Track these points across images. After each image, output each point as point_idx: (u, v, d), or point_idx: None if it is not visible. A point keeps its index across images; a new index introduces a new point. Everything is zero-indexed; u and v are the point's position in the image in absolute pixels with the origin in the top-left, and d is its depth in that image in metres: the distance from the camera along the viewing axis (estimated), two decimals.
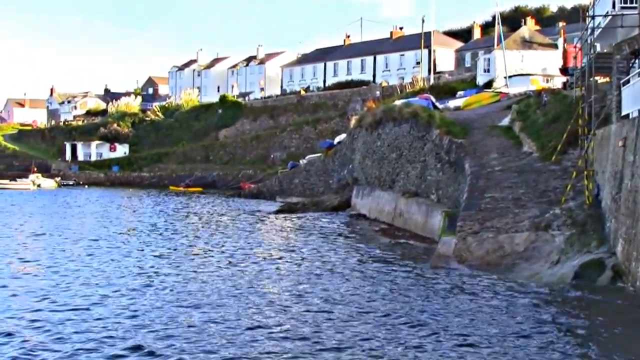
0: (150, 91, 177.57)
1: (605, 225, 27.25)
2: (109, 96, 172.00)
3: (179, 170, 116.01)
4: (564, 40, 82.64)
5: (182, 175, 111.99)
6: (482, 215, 30.69)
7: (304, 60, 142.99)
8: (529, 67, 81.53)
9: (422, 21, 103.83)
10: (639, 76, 25.95)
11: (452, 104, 64.70)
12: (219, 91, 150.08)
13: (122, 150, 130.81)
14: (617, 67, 29.19)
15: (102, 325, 20.34)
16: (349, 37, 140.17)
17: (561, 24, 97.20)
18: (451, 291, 24.65)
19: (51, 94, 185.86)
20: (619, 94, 28.19)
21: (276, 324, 20.38)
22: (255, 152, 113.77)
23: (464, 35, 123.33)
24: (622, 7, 35.77)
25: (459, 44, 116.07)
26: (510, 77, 77.51)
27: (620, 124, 26.95)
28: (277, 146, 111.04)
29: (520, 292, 24.01)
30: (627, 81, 27.32)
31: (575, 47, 47.26)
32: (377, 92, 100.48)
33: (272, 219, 54.78)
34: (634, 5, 34.96)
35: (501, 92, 66.95)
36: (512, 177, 34.38)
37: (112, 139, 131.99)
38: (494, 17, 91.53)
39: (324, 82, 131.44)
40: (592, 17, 33.90)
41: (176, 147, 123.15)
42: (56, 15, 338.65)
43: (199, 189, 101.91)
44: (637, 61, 29.45)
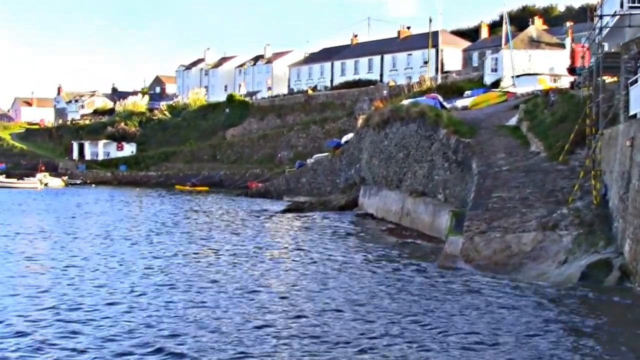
0: (157, 90, 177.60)
1: (612, 225, 27.21)
2: (117, 95, 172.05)
3: (186, 169, 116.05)
4: (572, 39, 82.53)
5: (189, 174, 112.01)
6: (490, 215, 30.67)
7: (311, 59, 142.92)
8: (537, 67, 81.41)
9: (430, 20, 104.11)
10: None
11: (460, 103, 64.62)
12: (226, 90, 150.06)
13: (129, 149, 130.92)
14: (625, 66, 29.14)
15: (111, 323, 20.41)
16: (356, 36, 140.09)
17: (569, 24, 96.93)
18: (458, 291, 24.65)
19: (58, 93, 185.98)
20: (627, 94, 28.14)
21: (284, 323, 20.42)
22: (262, 152, 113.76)
23: (471, 34, 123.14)
24: (630, 7, 35.62)
25: (466, 44, 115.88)
26: (517, 76, 77.37)
27: (627, 123, 26.90)
28: (284, 145, 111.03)
29: (527, 292, 24.00)
30: (635, 81, 27.26)
31: (582, 46, 47.26)
32: (385, 92, 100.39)
33: (279, 219, 54.80)
34: None
35: (508, 92, 66.85)
36: (520, 176, 34.33)
37: (119, 138, 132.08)
38: (502, 17, 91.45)
39: (332, 81, 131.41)
40: (600, 17, 33.86)
41: (183, 146, 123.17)
42: (63, 14, 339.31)
43: (205, 188, 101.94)
44: None
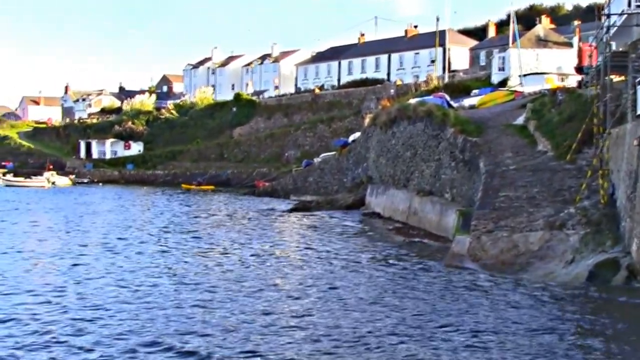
0: (164, 89, 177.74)
1: (620, 224, 27.18)
2: (124, 94, 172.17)
3: (193, 168, 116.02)
4: (579, 38, 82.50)
5: (196, 173, 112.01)
6: (497, 214, 30.64)
7: (318, 58, 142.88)
8: (544, 66, 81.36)
9: (437, 19, 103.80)
10: None
11: (467, 102, 64.62)
12: (233, 89, 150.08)
13: (136, 148, 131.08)
14: (633, 65, 29.07)
15: (119, 320, 20.52)
16: (363, 35, 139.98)
17: (576, 23, 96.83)
18: (465, 290, 24.67)
19: (66, 92, 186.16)
20: (635, 93, 28.08)
21: (292, 321, 20.49)
22: (269, 151, 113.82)
23: (478, 33, 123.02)
24: (638, 6, 35.67)
25: (473, 43, 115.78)
26: (524, 75, 77.27)
27: (635, 122, 26.86)
28: (291, 144, 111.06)
29: (534, 292, 24.01)
30: None
31: (590, 45, 47.23)
32: (392, 91, 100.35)
33: (286, 217, 54.86)
34: None
35: (516, 91, 66.80)
36: (527, 176, 34.30)
37: (126, 137, 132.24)
38: (509, 16, 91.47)
39: (339, 80, 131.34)
40: (608, 16, 33.83)
41: (190, 145, 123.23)
42: (70, 13, 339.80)
43: (211, 187, 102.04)
44: None
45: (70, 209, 62.16)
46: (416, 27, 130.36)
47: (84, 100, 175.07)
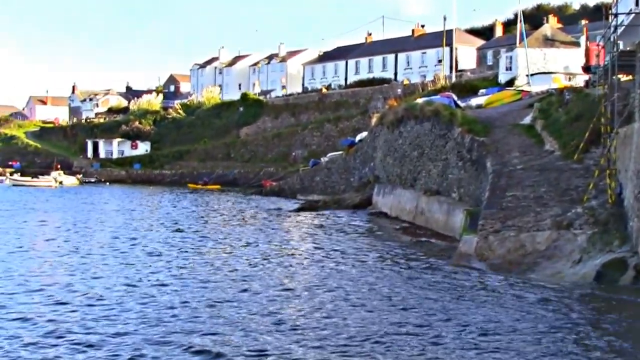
0: (171, 89, 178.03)
1: (627, 224, 27.11)
2: (131, 94, 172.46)
3: (200, 167, 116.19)
4: (587, 38, 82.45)
5: (203, 172, 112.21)
6: (504, 213, 30.60)
7: (325, 58, 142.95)
8: (551, 65, 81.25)
9: (444, 19, 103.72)
10: None
11: (474, 102, 64.56)
12: (240, 89, 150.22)
13: (143, 147, 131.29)
14: None
15: (126, 318, 20.56)
16: (370, 35, 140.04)
17: (583, 22, 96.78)
18: (472, 289, 24.66)
19: (73, 92, 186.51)
20: None
21: (299, 319, 20.50)
22: (276, 150, 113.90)
23: (485, 33, 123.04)
24: None
25: (480, 42, 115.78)
26: (532, 75, 77.21)
27: None
28: (298, 144, 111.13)
29: (541, 291, 23.98)
30: None
31: (597, 45, 47.18)
32: (399, 90, 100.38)
33: (293, 217, 54.88)
34: None
35: (523, 91, 66.69)
36: (534, 175, 34.24)
37: (133, 137, 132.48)
38: (516, 15, 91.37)
39: (346, 80, 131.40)
40: (615, 15, 33.73)
41: (197, 145, 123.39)
42: (78, 13, 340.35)
43: (218, 187, 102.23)
44: None
45: (77, 209, 62.29)
46: (423, 26, 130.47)
47: (91, 100, 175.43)
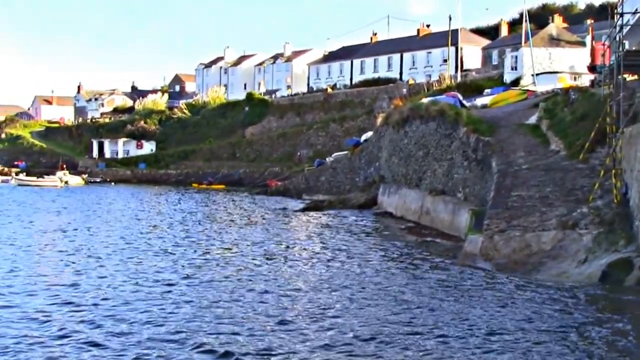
0: (177, 88, 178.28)
1: (633, 223, 27.06)
2: (136, 93, 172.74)
3: (205, 167, 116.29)
4: (592, 37, 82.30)
5: (208, 172, 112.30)
6: (509, 213, 30.57)
7: (330, 57, 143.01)
8: (557, 65, 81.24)
9: (449, 19, 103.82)
10: None
11: (479, 101, 64.55)
12: (245, 89, 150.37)
13: (148, 147, 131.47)
14: None
15: (131, 316, 20.56)
16: (375, 34, 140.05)
17: (589, 22, 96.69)
18: (478, 289, 24.64)
19: (78, 92, 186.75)
20: None
21: (305, 319, 20.49)
22: (281, 150, 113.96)
23: (491, 32, 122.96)
24: None
25: (486, 42, 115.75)
26: (537, 74, 77.18)
27: None
28: (303, 144, 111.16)
29: (547, 291, 23.94)
30: None
31: (603, 44, 47.08)
32: (404, 90, 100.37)
33: (298, 217, 54.89)
34: None
35: (528, 90, 66.69)
36: (539, 175, 34.20)
37: (138, 136, 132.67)
38: (522, 15, 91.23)
39: (351, 79, 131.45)
40: (621, 15, 33.65)
41: (203, 145, 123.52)
42: (83, 12, 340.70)
43: (222, 186, 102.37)
44: None
45: (83, 209, 62.37)
46: (428, 26, 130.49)
47: (96, 99, 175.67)
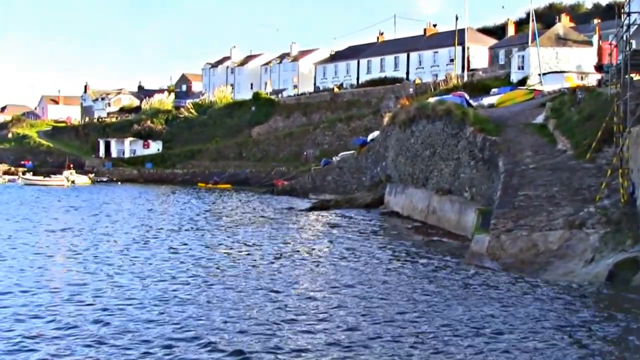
0: (183, 88, 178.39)
1: None
2: (143, 93, 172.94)
3: (212, 167, 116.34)
4: (599, 37, 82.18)
5: (215, 172, 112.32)
6: (516, 213, 30.53)
7: (337, 57, 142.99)
8: (564, 65, 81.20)
9: (456, 18, 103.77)
10: None
11: (486, 101, 64.54)
12: (252, 88, 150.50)
13: (155, 147, 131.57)
14: None
15: (138, 315, 20.58)
16: (382, 34, 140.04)
17: (596, 21, 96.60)
18: (484, 289, 24.62)
19: (85, 91, 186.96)
20: None
21: (312, 318, 20.50)
22: (288, 149, 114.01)
23: (497, 32, 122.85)
24: None
25: (492, 41, 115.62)
26: (544, 74, 77.08)
27: None
28: (310, 143, 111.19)
29: (554, 291, 23.92)
30: None
31: (610, 44, 46.93)
32: (411, 90, 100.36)
33: (305, 216, 54.90)
34: None
35: (535, 90, 66.63)
36: (546, 175, 34.15)
37: (145, 136, 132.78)
38: (528, 14, 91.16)
39: (357, 79, 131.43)
40: (628, 14, 33.60)
41: (209, 144, 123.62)
42: (89, 12, 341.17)
43: (228, 186, 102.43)
44: None
45: (90, 208, 62.45)
46: (435, 25, 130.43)
47: (103, 99, 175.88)
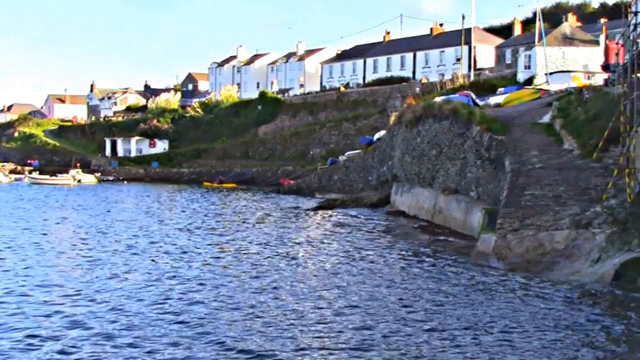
0: (190, 87, 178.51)
1: None
2: (149, 92, 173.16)
3: (218, 166, 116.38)
4: (606, 36, 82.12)
5: (221, 171, 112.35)
6: (522, 212, 30.52)
7: (343, 56, 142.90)
8: (570, 64, 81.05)
9: (463, 18, 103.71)
10: None
11: (493, 100, 64.43)
12: (258, 87, 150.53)
13: (161, 146, 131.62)
14: None
15: (147, 312, 20.66)
16: (388, 33, 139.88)
17: (603, 20, 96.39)
18: (491, 288, 24.63)
19: (91, 90, 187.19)
20: None
21: (319, 317, 20.54)
22: (294, 149, 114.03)
23: (504, 31, 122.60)
24: None
25: (499, 41, 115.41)
26: (551, 73, 77.01)
27: None
28: (316, 142, 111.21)
29: (560, 290, 23.92)
30: None
31: (617, 43, 46.88)
32: (417, 89, 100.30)
33: (312, 215, 54.94)
34: None
35: (542, 89, 66.50)
36: (553, 174, 34.13)
37: (151, 135, 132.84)
38: (535, 13, 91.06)
39: (364, 78, 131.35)
40: (635, 14, 33.58)
41: (216, 143, 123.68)
42: (94, 12, 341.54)
43: (233, 185, 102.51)
44: None
45: (97, 207, 62.56)
46: (442, 25, 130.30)
47: (109, 98, 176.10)
